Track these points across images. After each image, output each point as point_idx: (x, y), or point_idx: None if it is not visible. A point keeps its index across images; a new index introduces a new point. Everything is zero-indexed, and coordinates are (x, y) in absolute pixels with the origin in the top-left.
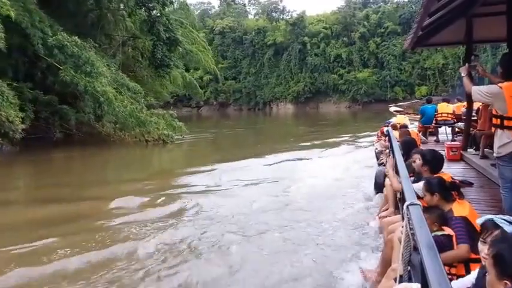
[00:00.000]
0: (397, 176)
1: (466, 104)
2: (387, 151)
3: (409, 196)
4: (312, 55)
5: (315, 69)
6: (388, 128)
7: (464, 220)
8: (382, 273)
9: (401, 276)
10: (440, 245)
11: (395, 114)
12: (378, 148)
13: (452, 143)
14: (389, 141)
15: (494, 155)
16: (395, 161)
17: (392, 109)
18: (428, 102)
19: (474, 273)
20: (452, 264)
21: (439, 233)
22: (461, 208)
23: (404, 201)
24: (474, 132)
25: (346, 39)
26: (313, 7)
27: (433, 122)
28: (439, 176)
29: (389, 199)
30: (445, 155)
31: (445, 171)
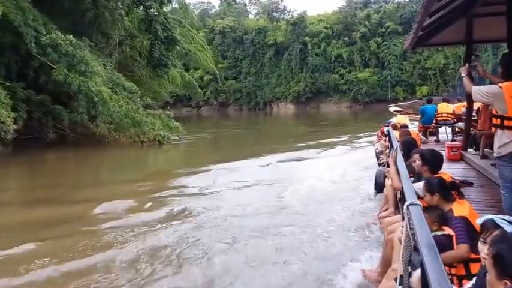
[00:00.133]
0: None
1: (466, 104)
2: (387, 151)
3: (410, 196)
4: (313, 55)
5: (315, 69)
6: (388, 128)
7: (464, 220)
8: (382, 273)
9: (401, 276)
10: (441, 245)
11: (395, 114)
12: (378, 148)
13: (453, 143)
14: (390, 141)
15: (494, 155)
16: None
17: (392, 109)
18: (429, 102)
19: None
20: (452, 264)
21: (439, 232)
22: (461, 208)
23: (404, 201)
24: (474, 132)
25: (347, 39)
26: (314, 7)
27: (433, 122)
28: (439, 176)
29: (390, 199)
30: (445, 155)
31: (446, 171)
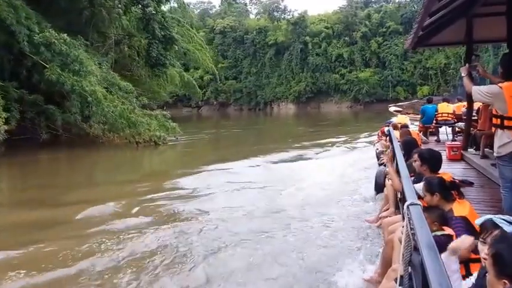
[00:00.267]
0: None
1: (466, 104)
2: (388, 151)
3: (410, 196)
4: (314, 55)
5: (316, 69)
6: (389, 128)
7: (464, 220)
8: (382, 274)
9: (401, 276)
10: (441, 245)
11: (395, 114)
12: (378, 148)
13: (453, 142)
14: (390, 141)
15: (495, 154)
16: (396, 161)
17: (392, 109)
18: (429, 102)
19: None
20: None
21: (439, 232)
22: (461, 208)
23: (404, 201)
24: (474, 132)
25: (347, 39)
26: (315, 7)
27: (434, 122)
28: (439, 176)
29: (390, 199)
30: (445, 154)
31: (446, 171)
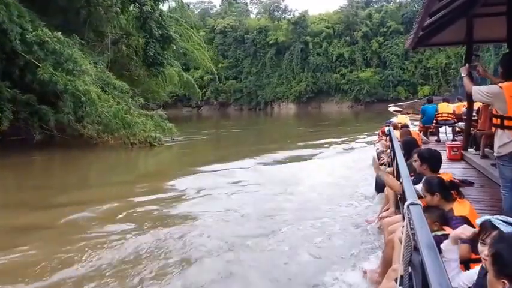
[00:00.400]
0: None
1: (466, 104)
2: (388, 151)
3: (410, 196)
4: (314, 54)
5: (317, 69)
6: (389, 128)
7: (464, 220)
8: (383, 274)
9: (402, 276)
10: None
11: (395, 114)
12: (379, 148)
13: (453, 142)
14: (391, 140)
15: (495, 154)
16: (396, 161)
17: (391, 109)
18: (429, 102)
19: (478, 268)
20: None
21: (440, 232)
22: (461, 207)
23: (405, 200)
24: (475, 132)
25: (348, 39)
26: (315, 6)
27: (434, 121)
28: (439, 176)
29: (390, 199)
30: (446, 154)
31: (446, 171)
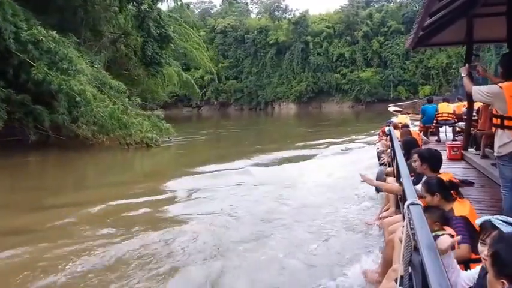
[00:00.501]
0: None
1: (466, 104)
2: (388, 151)
3: (410, 195)
4: (315, 54)
5: (317, 69)
6: (389, 128)
7: (464, 220)
8: (383, 274)
9: (402, 276)
10: None
11: (395, 113)
12: (379, 148)
13: (453, 142)
14: (391, 140)
15: (495, 154)
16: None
17: (391, 109)
18: (429, 102)
19: (479, 267)
20: None
21: (440, 232)
22: (461, 207)
23: (405, 200)
24: (475, 132)
25: (349, 38)
26: (316, 6)
27: (434, 121)
28: (438, 176)
29: (391, 199)
30: (446, 154)
31: (447, 171)
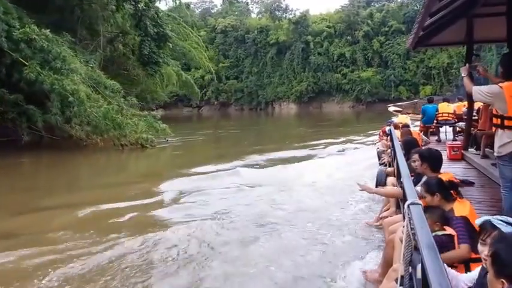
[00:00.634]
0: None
1: (466, 104)
2: (389, 151)
3: (410, 195)
4: (315, 54)
5: (318, 69)
6: (390, 128)
7: (464, 220)
8: (383, 274)
9: (402, 276)
10: (442, 244)
11: (395, 113)
12: (379, 148)
13: (454, 142)
14: (391, 140)
15: (495, 154)
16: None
17: (391, 109)
18: (429, 101)
19: (478, 269)
20: (453, 264)
21: (440, 232)
22: (461, 207)
23: (405, 200)
24: (475, 132)
25: (349, 38)
26: (317, 6)
27: (434, 121)
28: (438, 176)
29: (391, 199)
30: (446, 154)
31: (447, 171)
